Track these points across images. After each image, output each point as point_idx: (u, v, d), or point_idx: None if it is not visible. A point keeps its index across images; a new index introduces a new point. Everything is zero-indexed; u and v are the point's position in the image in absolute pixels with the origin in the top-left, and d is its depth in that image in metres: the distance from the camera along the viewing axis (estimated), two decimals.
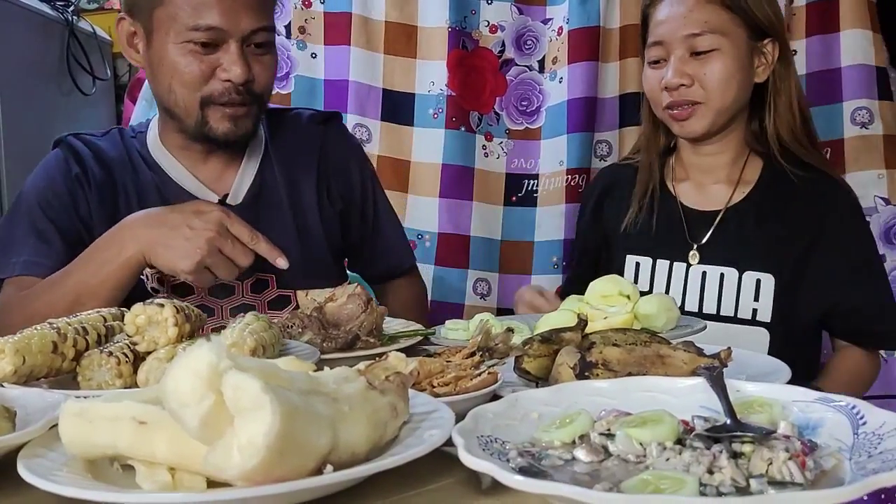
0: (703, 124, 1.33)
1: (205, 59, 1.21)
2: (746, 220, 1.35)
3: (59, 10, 2.25)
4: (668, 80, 1.31)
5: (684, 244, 1.37)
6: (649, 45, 1.36)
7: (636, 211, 1.42)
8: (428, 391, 0.74)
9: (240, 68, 1.21)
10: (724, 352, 0.77)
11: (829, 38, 2.14)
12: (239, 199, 1.34)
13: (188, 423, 0.51)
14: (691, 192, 1.42)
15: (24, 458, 0.59)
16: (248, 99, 1.25)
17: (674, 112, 1.34)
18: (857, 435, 0.58)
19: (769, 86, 1.35)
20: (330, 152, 1.43)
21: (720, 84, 1.30)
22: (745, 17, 1.32)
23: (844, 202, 1.34)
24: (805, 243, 1.31)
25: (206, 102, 1.24)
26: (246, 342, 0.82)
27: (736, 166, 1.39)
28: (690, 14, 1.31)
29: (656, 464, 0.56)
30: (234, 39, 1.21)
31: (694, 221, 1.38)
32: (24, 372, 0.78)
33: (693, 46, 1.30)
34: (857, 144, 2.12)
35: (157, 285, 1.30)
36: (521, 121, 2.31)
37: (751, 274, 1.31)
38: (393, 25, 2.26)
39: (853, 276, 1.32)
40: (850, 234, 1.33)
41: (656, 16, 1.36)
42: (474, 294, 2.25)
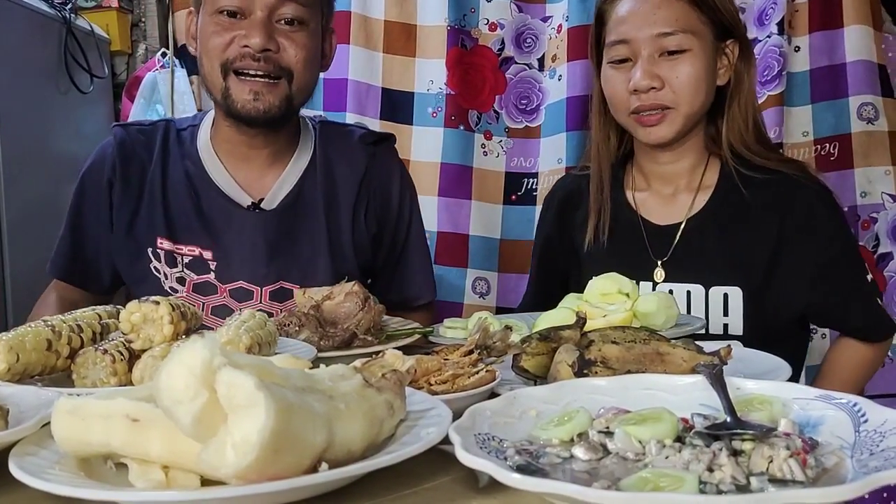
0: (672, 130, 1.26)
1: (229, 27, 1.23)
2: (708, 231, 1.29)
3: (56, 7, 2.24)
4: (636, 83, 1.23)
5: (648, 261, 1.30)
6: (612, 44, 1.28)
7: (595, 225, 1.36)
8: (425, 389, 0.74)
9: (258, 36, 1.21)
10: (724, 349, 0.76)
11: (832, 33, 2.13)
12: (274, 204, 1.34)
13: (182, 420, 0.51)
14: (652, 204, 1.35)
15: (16, 456, 0.58)
16: (271, 71, 1.24)
17: (641, 117, 1.26)
18: (858, 432, 0.58)
19: (728, 89, 1.29)
20: (374, 174, 1.41)
21: (691, 88, 1.23)
22: (712, 16, 1.25)
23: (804, 200, 1.26)
24: (769, 249, 1.26)
25: (226, 70, 1.24)
26: (242, 339, 0.81)
27: (696, 172, 1.33)
28: (659, 11, 1.23)
29: (655, 462, 0.56)
30: (258, 8, 1.22)
31: (655, 237, 1.32)
32: (18, 370, 0.77)
33: (663, 46, 1.23)
34: (864, 140, 2.12)
35: (177, 284, 1.31)
36: (521, 119, 2.31)
37: (717, 289, 1.25)
38: (392, 24, 2.26)
39: (823, 272, 1.25)
40: (814, 231, 1.26)
41: (617, 12, 1.28)
42: (473, 293, 2.25)
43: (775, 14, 2.15)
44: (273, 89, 1.25)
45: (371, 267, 1.44)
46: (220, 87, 1.25)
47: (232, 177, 1.35)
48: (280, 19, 1.24)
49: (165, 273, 1.30)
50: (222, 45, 1.23)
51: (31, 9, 2.17)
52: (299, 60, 1.26)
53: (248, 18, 1.23)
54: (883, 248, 2.15)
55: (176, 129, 1.39)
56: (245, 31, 1.22)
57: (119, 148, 1.35)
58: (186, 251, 1.31)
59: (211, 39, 1.24)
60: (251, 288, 1.31)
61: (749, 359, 0.86)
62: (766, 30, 2.17)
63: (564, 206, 1.46)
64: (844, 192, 2.15)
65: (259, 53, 1.22)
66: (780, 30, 2.14)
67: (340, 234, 1.36)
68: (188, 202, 1.32)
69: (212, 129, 1.37)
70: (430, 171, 2.25)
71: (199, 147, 1.36)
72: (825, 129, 2.15)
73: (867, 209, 2.14)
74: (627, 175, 1.41)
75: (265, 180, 1.35)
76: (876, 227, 2.14)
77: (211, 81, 1.27)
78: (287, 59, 1.25)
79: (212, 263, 1.31)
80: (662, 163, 1.34)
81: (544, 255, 1.51)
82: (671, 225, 1.32)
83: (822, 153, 2.15)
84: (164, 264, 1.31)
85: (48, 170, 2.19)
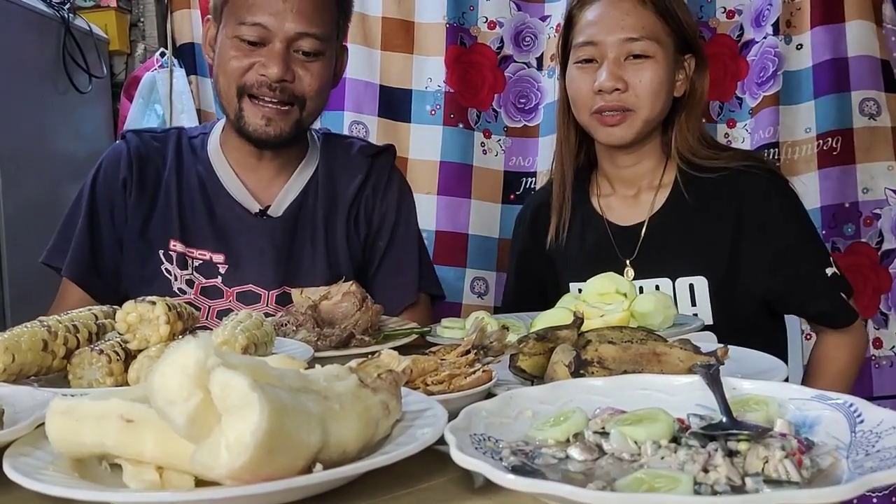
0: (632, 133, 1.32)
1: (249, 54, 1.27)
2: (670, 227, 1.34)
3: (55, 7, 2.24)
4: (602, 83, 1.28)
5: (617, 261, 1.35)
6: (579, 45, 1.33)
7: (557, 224, 1.41)
8: (421, 389, 0.74)
9: (277, 67, 1.25)
10: (720, 349, 0.76)
11: (834, 28, 2.13)
12: (280, 211, 1.38)
13: (175, 420, 0.51)
14: (616, 206, 1.41)
15: (10, 456, 0.58)
16: (285, 99, 1.28)
17: (603, 117, 1.31)
18: (854, 433, 0.58)
19: (682, 101, 1.35)
20: (371, 182, 1.44)
21: (652, 92, 1.29)
22: (675, 28, 1.32)
23: (756, 189, 1.31)
24: (728, 239, 1.30)
25: (241, 93, 1.28)
26: (237, 340, 0.81)
27: (655, 173, 1.38)
28: (628, 18, 1.29)
29: (651, 462, 0.56)
30: (278, 40, 1.26)
31: (621, 237, 1.37)
32: (13, 370, 0.77)
33: (629, 50, 1.29)
34: (866, 135, 2.11)
35: (186, 287, 1.32)
36: (520, 118, 2.30)
37: (683, 280, 1.29)
38: (390, 21, 2.25)
39: (779, 259, 1.29)
40: (767, 219, 1.30)
41: (587, 16, 1.33)
42: (472, 293, 2.25)
43: (771, 15, 2.15)
44: (285, 116, 1.30)
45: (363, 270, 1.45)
46: (235, 108, 1.30)
47: (242, 183, 1.38)
48: (298, 49, 1.28)
49: (176, 275, 1.32)
50: (240, 69, 1.27)
51: (30, 8, 2.16)
52: (313, 89, 1.30)
53: (266, 47, 1.26)
54: (888, 245, 2.14)
55: (188, 137, 1.43)
56: (264, 60, 1.26)
57: (135, 151, 1.38)
58: (197, 254, 1.34)
59: (230, 62, 1.27)
60: (259, 291, 1.33)
61: (745, 358, 0.86)
62: (762, 30, 2.17)
63: (536, 218, 1.51)
64: (846, 187, 2.15)
65: (276, 84, 1.26)
66: (775, 30, 2.13)
67: (336, 240, 1.39)
68: (201, 206, 1.36)
69: (221, 137, 1.41)
70: (429, 170, 2.25)
71: (209, 154, 1.40)
72: (827, 123, 2.14)
73: (869, 205, 2.13)
74: (592, 183, 1.46)
75: (272, 188, 1.39)
76: (879, 223, 2.14)
77: (226, 99, 1.31)
78: (301, 89, 1.29)
79: (221, 267, 1.34)
80: (623, 166, 1.40)
81: (521, 269, 1.55)
82: (635, 225, 1.38)
83: (824, 148, 2.14)
84: (175, 266, 1.33)
85: (47, 169, 2.19)
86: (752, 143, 2.17)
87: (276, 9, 1.25)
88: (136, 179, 1.36)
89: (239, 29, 1.26)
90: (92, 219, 1.35)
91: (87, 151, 2.31)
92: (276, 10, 1.25)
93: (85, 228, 1.35)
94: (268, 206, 1.37)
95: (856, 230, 2.14)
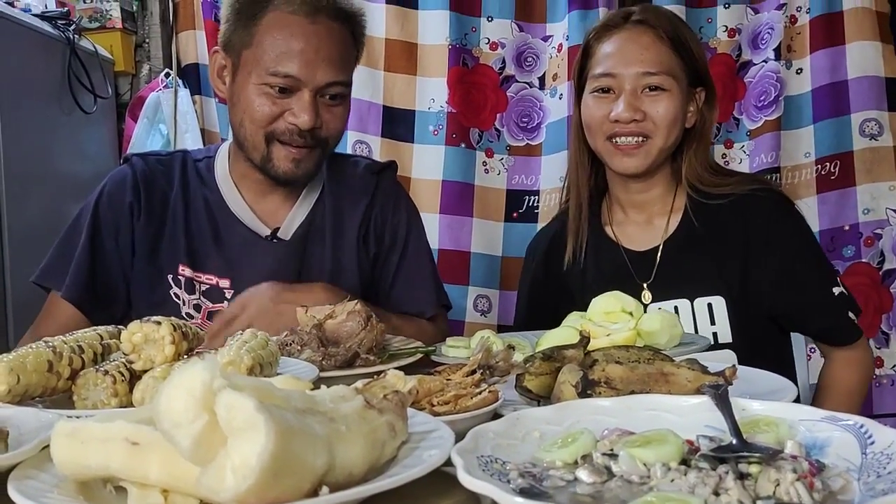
0: (647, 162, 1.35)
1: (277, 102, 1.28)
2: (684, 249, 1.37)
3: (60, 28, 2.26)
4: (619, 114, 1.32)
5: (635, 286, 1.36)
6: (597, 76, 1.36)
7: (573, 247, 1.43)
8: (427, 410, 0.73)
9: (308, 116, 1.27)
10: (728, 369, 0.76)
11: (834, 51, 2.14)
12: (289, 234, 1.39)
13: (181, 443, 0.50)
14: (630, 232, 1.44)
15: (15, 479, 0.57)
16: (311, 142, 1.31)
17: (619, 145, 1.34)
18: (865, 455, 0.57)
19: (692, 132, 1.39)
20: (379, 199, 1.46)
21: (668, 123, 1.33)
22: (689, 62, 1.36)
23: (761, 212, 1.34)
24: (739, 260, 1.33)
25: (270, 139, 1.30)
26: (243, 360, 0.81)
27: (667, 198, 1.41)
28: (646, 52, 1.33)
29: (661, 485, 0.55)
30: (307, 89, 1.27)
31: (638, 262, 1.40)
32: (18, 391, 0.76)
33: (647, 84, 1.33)
34: (867, 156, 2.12)
35: (193, 311, 1.33)
36: (522, 137, 2.32)
37: (701, 300, 1.32)
38: (394, 43, 2.28)
39: (782, 277, 1.32)
40: (771, 240, 1.33)
41: (604, 48, 1.37)
42: (475, 311, 2.24)
43: (772, 39, 2.17)
44: (311, 156, 1.33)
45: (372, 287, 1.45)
46: (262, 152, 1.31)
47: (251, 208, 1.39)
48: (324, 95, 1.30)
49: (184, 299, 1.33)
50: (270, 117, 1.29)
51: (36, 30, 2.19)
52: (336, 131, 1.35)
53: (295, 95, 1.28)
54: (889, 265, 2.14)
55: (193, 160, 1.44)
56: (294, 109, 1.27)
57: (141, 175, 1.38)
58: (205, 279, 1.35)
59: (258, 109, 1.28)
60: None
61: (754, 379, 0.85)
62: (761, 54, 2.18)
63: (549, 250, 1.52)
64: (845, 210, 2.15)
65: (306, 131, 1.28)
66: (777, 55, 2.15)
67: (343, 261, 1.40)
68: (208, 231, 1.37)
69: (230, 163, 1.42)
70: (432, 189, 2.26)
71: (217, 179, 1.41)
72: (827, 148, 2.15)
73: (870, 226, 2.13)
74: (604, 210, 1.48)
75: (281, 212, 1.41)
76: (881, 243, 2.14)
77: (251, 143, 1.32)
78: (326, 133, 1.32)
79: (227, 292, 1.34)
80: (634, 192, 1.42)
81: (534, 300, 1.55)
82: (650, 249, 1.40)
83: (822, 173, 2.16)
84: (183, 291, 1.34)
85: (51, 189, 2.20)
86: (751, 166, 2.18)
87: (308, 59, 1.26)
88: (144, 204, 1.36)
89: (269, 78, 1.27)
90: (94, 241, 1.35)
91: (92, 171, 2.32)
92: (308, 61, 1.26)
93: (86, 250, 1.34)
94: (277, 229, 1.38)
95: (856, 251, 2.14)
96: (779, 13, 2.16)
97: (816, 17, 2.15)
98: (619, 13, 1.41)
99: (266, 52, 1.27)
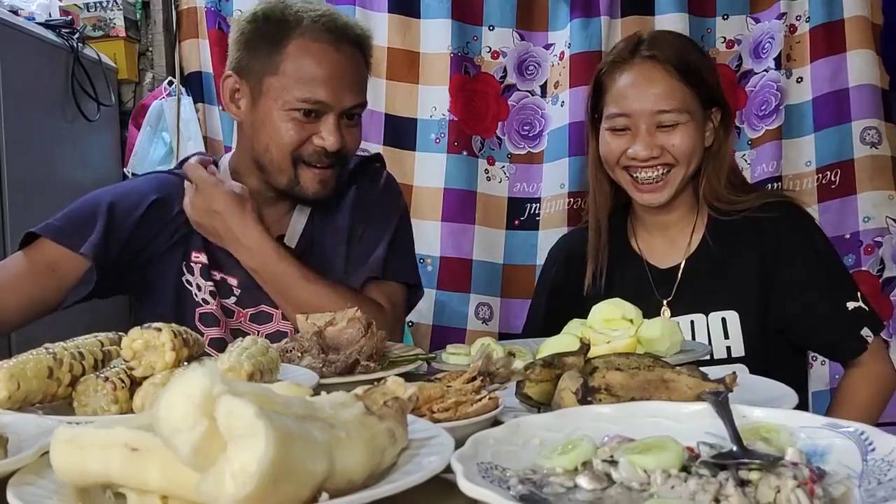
0: (669, 194, 1.37)
1: (305, 127, 1.31)
2: (704, 267, 1.38)
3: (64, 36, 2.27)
4: (637, 152, 1.34)
5: (655, 302, 1.38)
6: (612, 115, 1.37)
7: (594, 271, 1.44)
8: (427, 417, 0.73)
9: (335, 138, 1.31)
10: (729, 376, 0.76)
11: (835, 59, 2.15)
12: (294, 241, 1.41)
13: (180, 449, 0.50)
14: (654, 248, 1.45)
15: (14, 485, 0.57)
16: (335, 162, 1.35)
17: (641, 183, 1.36)
18: (866, 461, 0.57)
19: (709, 152, 1.40)
20: (362, 194, 1.47)
21: (687, 153, 1.35)
22: (701, 89, 1.37)
23: (775, 223, 1.35)
24: (755, 276, 1.34)
25: (297, 162, 1.33)
26: (243, 366, 0.81)
27: (689, 217, 1.43)
28: (656, 89, 1.34)
29: (661, 492, 0.55)
30: (333, 113, 1.31)
31: (660, 279, 1.41)
32: (18, 397, 0.76)
33: (660, 121, 1.34)
34: (867, 164, 2.12)
35: (209, 297, 1.35)
36: (523, 145, 2.32)
37: (715, 314, 1.34)
38: (395, 52, 2.28)
39: (793, 288, 1.33)
40: (785, 253, 1.34)
41: (616, 85, 1.38)
42: (476, 318, 2.24)
43: (773, 48, 2.17)
44: (334, 175, 1.37)
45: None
46: (289, 175, 1.34)
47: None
48: (345, 116, 1.34)
49: (199, 285, 1.36)
50: (297, 141, 1.32)
51: (40, 38, 2.20)
52: (353, 149, 1.40)
53: (321, 119, 1.31)
54: (889, 273, 2.14)
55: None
56: (322, 133, 1.31)
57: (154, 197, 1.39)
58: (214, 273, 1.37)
59: (286, 134, 1.31)
60: (271, 311, 1.37)
61: (754, 386, 0.85)
62: (762, 63, 2.19)
63: (570, 259, 1.53)
64: (846, 218, 2.15)
65: (332, 153, 1.32)
66: (777, 64, 2.15)
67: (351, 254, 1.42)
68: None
69: (233, 176, 1.42)
70: (434, 197, 2.26)
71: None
72: (827, 156, 2.16)
73: (870, 234, 2.13)
74: (628, 224, 1.49)
75: (284, 220, 1.43)
76: (881, 251, 2.13)
77: (277, 167, 1.34)
78: (346, 152, 1.36)
79: (235, 290, 1.37)
80: (657, 214, 1.43)
81: (552, 308, 1.54)
82: (672, 267, 1.41)
83: (823, 182, 2.16)
84: (197, 277, 1.36)
85: (54, 196, 2.20)
86: (752, 175, 2.19)
87: (336, 87, 1.30)
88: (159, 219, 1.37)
89: (299, 104, 1.30)
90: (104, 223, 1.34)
91: (95, 179, 2.32)
92: (336, 88, 1.30)
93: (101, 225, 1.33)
94: (281, 236, 1.40)
95: (856, 259, 2.14)
96: (779, 23, 2.16)
97: (816, 27, 2.16)
98: (627, 46, 1.40)
99: (292, 78, 1.30)
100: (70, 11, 2.45)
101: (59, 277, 1.30)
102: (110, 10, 2.46)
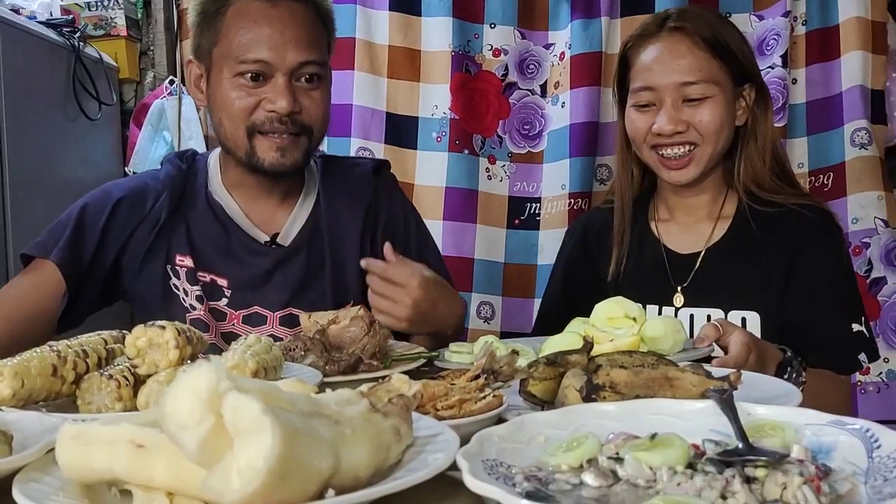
0: (696, 171, 1.31)
1: (252, 92, 1.26)
2: (726, 259, 1.34)
3: (65, 35, 2.27)
4: (661, 127, 1.29)
5: (669, 287, 1.35)
6: (637, 90, 1.33)
7: (618, 255, 1.41)
8: (432, 414, 0.73)
9: (285, 100, 1.24)
10: (733, 374, 0.76)
11: (829, 65, 2.15)
12: (289, 240, 1.37)
13: (186, 445, 0.50)
14: (674, 233, 1.41)
15: (20, 482, 0.57)
16: (294, 129, 1.28)
17: (667, 160, 1.32)
18: (871, 458, 0.57)
19: (744, 130, 1.35)
20: (381, 202, 1.44)
21: (714, 130, 1.29)
22: (732, 64, 1.31)
23: (808, 231, 1.31)
24: (782, 279, 1.30)
25: (251, 132, 1.27)
26: (247, 364, 0.81)
27: (716, 203, 1.38)
28: (683, 61, 1.29)
29: (667, 489, 0.55)
30: (281, 73, 1.25)
31: (677, 264, 1.37)
32: (22, 395, 0.76)
33: (687, 94, 1.29)
34: (857, 166, 2.12)
35: (196, 302, 1.31)
36: (524, 144, 2.32)
37: (735, 313, 1.29)
38: (396, 50, 2.29)
39: (811, 297, 1.29)
40: (811, 260, 1.30)
41: (641, 59, 1.33)
42: (478, 317, 2.24)
43: (778, 46, 2.17)
44: (296, 144, 1.29)
45: None
46: (245, 147, 1.28)
47: (246, 214, 1.38)
48: (299, 78, 1.28)
49: (186, 290, 1.31)
50: (247, 109, 1.26)
51: (41, 37, 2.20)
52: (318, 117, 1.31)
53: (269, 82, 1.26)
54: (876, 273, 2.15)
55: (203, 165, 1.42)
56: (270, 96, 1.25)
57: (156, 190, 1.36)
58: (199, 275, 1.32)
59: (235, 102, 1.26)
60: (264, 313, 1.33)
61: (758, 384, 0.85)
62: (767, 60, 2.19)
63: (589, 236, 1.50)
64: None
65: (286, 117, 1.26)
66: (783, 62, 2.15)
67: (346, 267, 1.37)
68: (207, 231, 1.35)
69: (220, 172, 1.40)
70: (435, 195, 2.26)
71: (211, 187, 1.39)
72: (820, 160, 2.17)
73: (859, 235, 2.14)
74: (651, 206, 1.46)
75: (277, 218, 1.38)
76: (868, 251, 2.14)
77: (233, 141, 1.29)
78: (308, 119, 1.29)
79: (226, 291, 1.33)
80: (684, 196, 1.39)
81: (569, 275, 1.52)
82: (692, 253, 1.37)
83: (815, 185, 2.17)
84: (184, 281, 1.32)
85: (55, 195, 2.20)
86: None
87: (276, 42, 1.24)
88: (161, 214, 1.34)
89: (239, 68, 1.25)
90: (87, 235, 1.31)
91: (96, 178, 2.32)
92: (276, 44, 1.24)
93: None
94: (276, 235, 1.37)
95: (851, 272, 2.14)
96: (784, 20, 2.16)
97: (812, 31, 2.16)
98: (656, 19, 1.36)
99: (233, 43, 1.25)
100: (71, 10, 2.45)
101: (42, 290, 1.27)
102: (111, 9, 2.46)
